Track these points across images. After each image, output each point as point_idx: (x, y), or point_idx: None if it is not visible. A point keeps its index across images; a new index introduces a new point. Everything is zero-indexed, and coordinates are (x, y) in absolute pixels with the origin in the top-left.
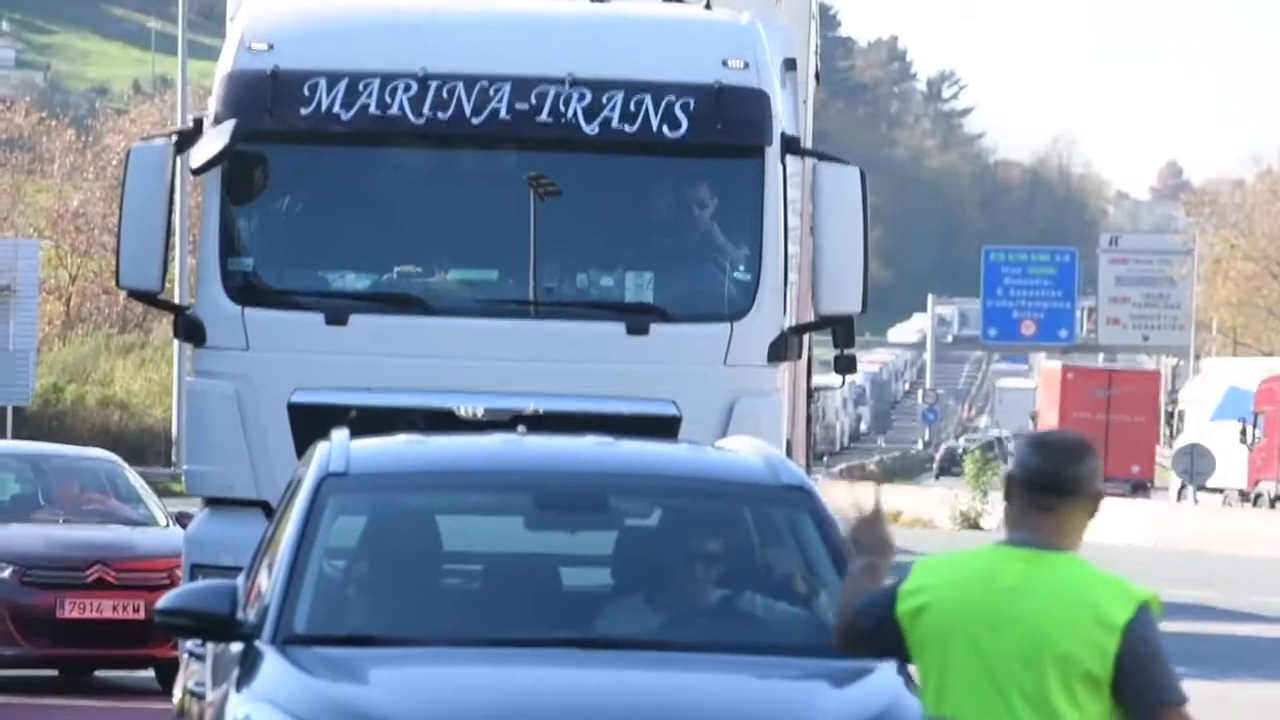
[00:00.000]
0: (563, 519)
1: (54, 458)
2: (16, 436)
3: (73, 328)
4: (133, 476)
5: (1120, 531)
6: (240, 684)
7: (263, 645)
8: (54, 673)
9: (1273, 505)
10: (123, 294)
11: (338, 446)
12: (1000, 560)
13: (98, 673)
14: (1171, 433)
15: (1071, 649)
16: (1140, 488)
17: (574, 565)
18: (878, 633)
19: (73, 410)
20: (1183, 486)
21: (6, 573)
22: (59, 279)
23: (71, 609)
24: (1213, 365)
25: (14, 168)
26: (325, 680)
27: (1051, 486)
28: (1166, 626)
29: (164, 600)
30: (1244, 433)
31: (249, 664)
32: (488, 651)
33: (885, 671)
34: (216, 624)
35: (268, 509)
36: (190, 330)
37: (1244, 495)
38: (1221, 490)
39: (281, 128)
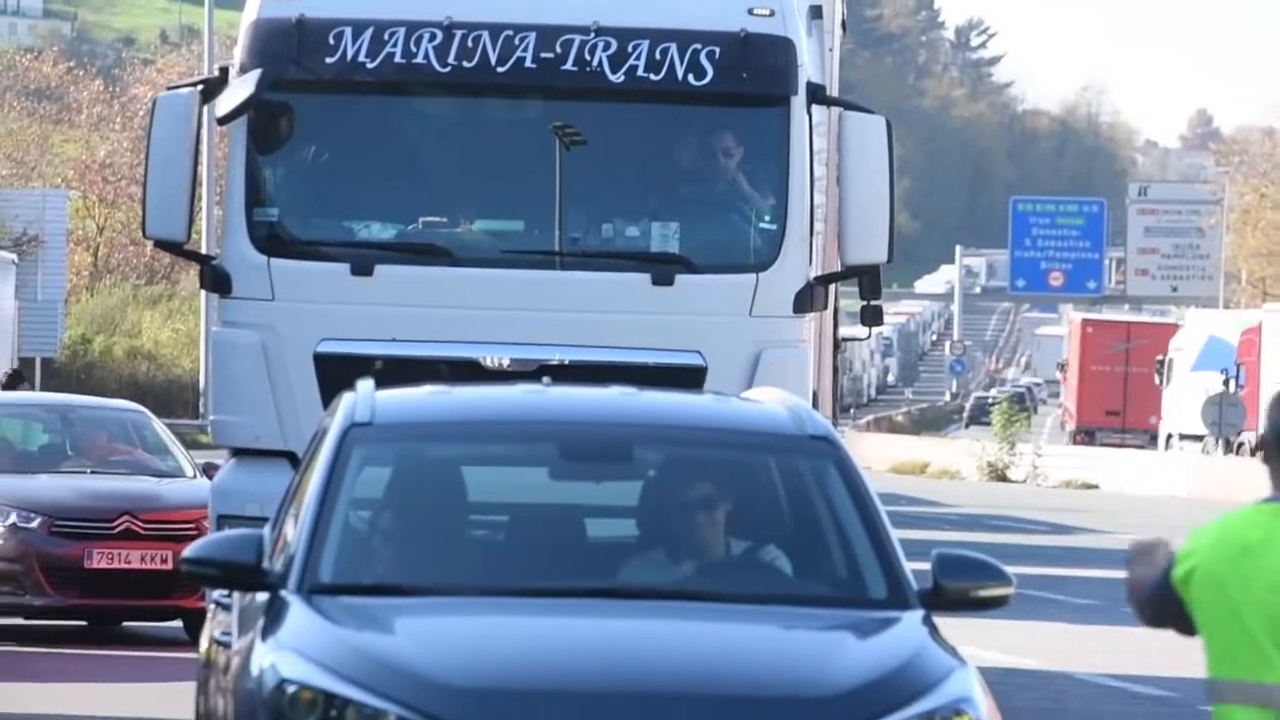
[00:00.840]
0: (587, 469)
1: (82, 409)
2: (45, 387)
3: (100, 279)
4: (160, 428)
5: (1153, 484)
6: (265, 633)
7: (288, 594)
8: (82, 623)
9: (1252, 454)
10: (150, 245)
11: (363, 396)
12: (1253, 517)
13: (125, 623)
14: (1161, 382)
15: None
16: (1157, 439)
17: (599, 516)
18: (1162, 600)
19: (101, 361)
20: (1169, 436)
21: (35, 523)
22: (86, 230)
23: (99, 559)
24: (1194, 315)
25: (42, 117)
26: (350, 629)
27: None
28: None
29: (190, 549)
30: (1227, 383)
31: (274, 613)
32: (512, 601)
33: (909, 623)
34: (242, 573)
35: (294, 459)
36: (216, 281)
37: (1228, 444)
38: (1200, 438)
39: (306, 77)
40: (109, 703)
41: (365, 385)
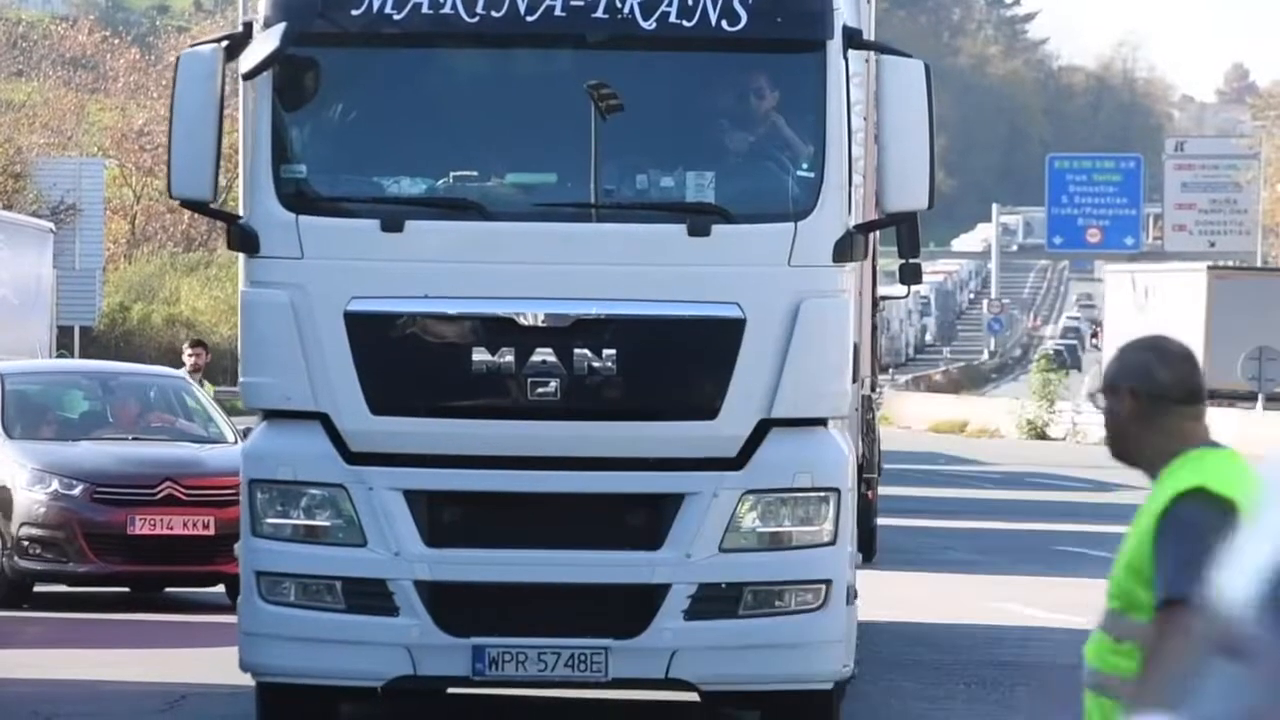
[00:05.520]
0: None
1: (122, 376)
2: (84, 356)
3: (138, 247)
4: (200, 394)
5: None
6: None
7: None
8: (125, 589)
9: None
10: (188, 212)
11: None
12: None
13: (168, 589)
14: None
15: (1134, 558)
16: None
17: None
18: None
19: (139, 329)
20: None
21: (77, 490)
22: (124, 198)
23: (142, 525)
24: (1110, 273)
25: (77, 86)
26: None
27: None
28: None
29: None
30: (1094, 335)
31: None
32: None
33: None
34: None
35: (326, 421)
36: (244, 240)
37: (1269, 398)
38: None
39: (332, 30)
40: (152, 668)
41: None
